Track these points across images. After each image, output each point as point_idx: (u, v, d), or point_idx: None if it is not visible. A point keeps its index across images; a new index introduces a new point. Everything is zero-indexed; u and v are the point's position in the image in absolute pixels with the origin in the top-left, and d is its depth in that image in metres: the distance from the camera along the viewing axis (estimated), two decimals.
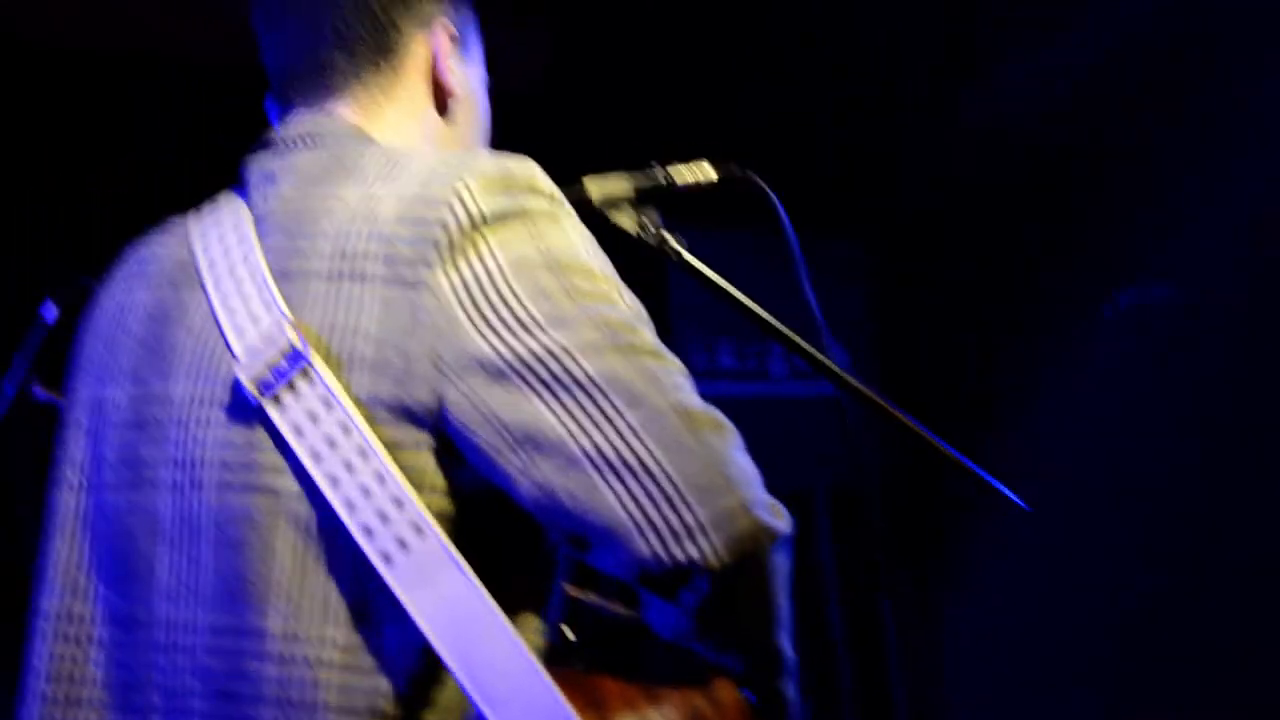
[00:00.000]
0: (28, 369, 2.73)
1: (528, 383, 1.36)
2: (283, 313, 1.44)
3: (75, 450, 1.62)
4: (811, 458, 5.86)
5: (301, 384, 1.40)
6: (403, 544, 1.36)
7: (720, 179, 1.91)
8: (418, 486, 1.38)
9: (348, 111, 1.64)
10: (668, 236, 1.87)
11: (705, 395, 1.42)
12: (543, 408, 1.36)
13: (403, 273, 1.40)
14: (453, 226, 1.40)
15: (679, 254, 1.87)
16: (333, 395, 1.39)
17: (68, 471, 1.63)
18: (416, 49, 1.67)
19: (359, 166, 1.51)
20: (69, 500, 1.61)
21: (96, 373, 1.62)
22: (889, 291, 5.82)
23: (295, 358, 1.41)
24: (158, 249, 1.66)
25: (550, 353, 1.37)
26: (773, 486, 1.40)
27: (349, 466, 1.38)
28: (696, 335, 5.66)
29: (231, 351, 1.46)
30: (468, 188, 1.42)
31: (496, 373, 1.37)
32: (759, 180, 1.91)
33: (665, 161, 1.90)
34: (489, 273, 1.39)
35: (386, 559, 1.36)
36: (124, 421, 1.55)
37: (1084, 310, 3.97)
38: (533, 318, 1.38)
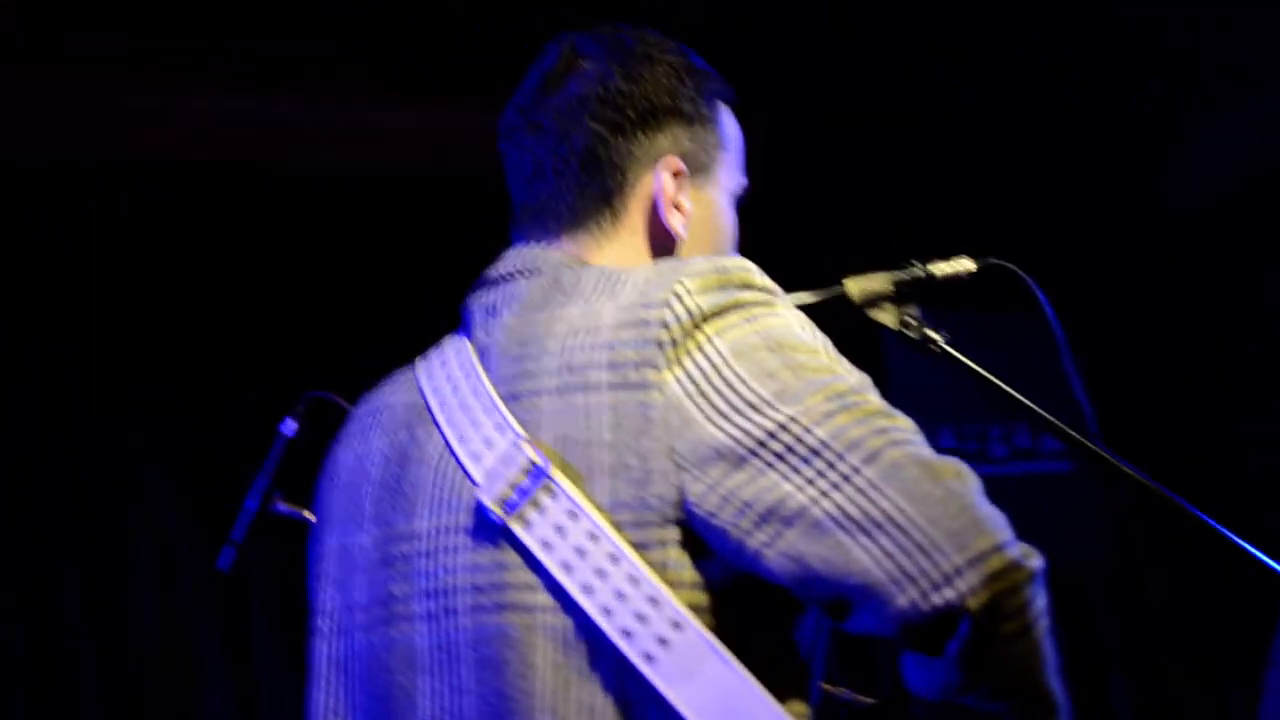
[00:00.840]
0: (269, 484, 2.83)
1: (764, 459, 1.38)
2: (517, 433, 1.47)
3: (325, 600, 1.67)
4: (1036, 537, 5.80)
5: (545, 499, 1.44)
6: (663, 641, 1.39)
7: (979, 269, 1.94)
8: (669, 584, 1.40)
9: (568, 245, 1.67)
10: (929, 331, 1.90)
11: None
12: (781, 480, 1.38)
13: (629, 376, 1.44)
14: (673, 325, 1.44)
15: (942, 349, 1.90)
16: (577, 506, 1.42)
17: (320, 622, 1.67)
18: (641, 190, 1.68)
19: (577, 287, 1.56)
20: (323, 649, 1.66)
21: (340, 523, 1.67)
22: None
23: (536, 474, 1.45)
24: (388, 397, 1.72)
25: (782, 426, 1.39)
26: None
27: (601, 573, 1.41)
28: (915, 418, 5.60)
29: (471, 478, 1.51)
30: (685, 287, 1.46)
31: (734, 458, 1.39)
32: (1017, 269, 1.93)
33: (924, 259, 1.93)
34: (712, 363, 1.42)
35: (649, 658, 1.39)
36: (371, 563, 1.60)
37: None
38: (760, 397, 1.40)
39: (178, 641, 4.46)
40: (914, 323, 1.91)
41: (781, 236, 2.42)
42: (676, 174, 1.69)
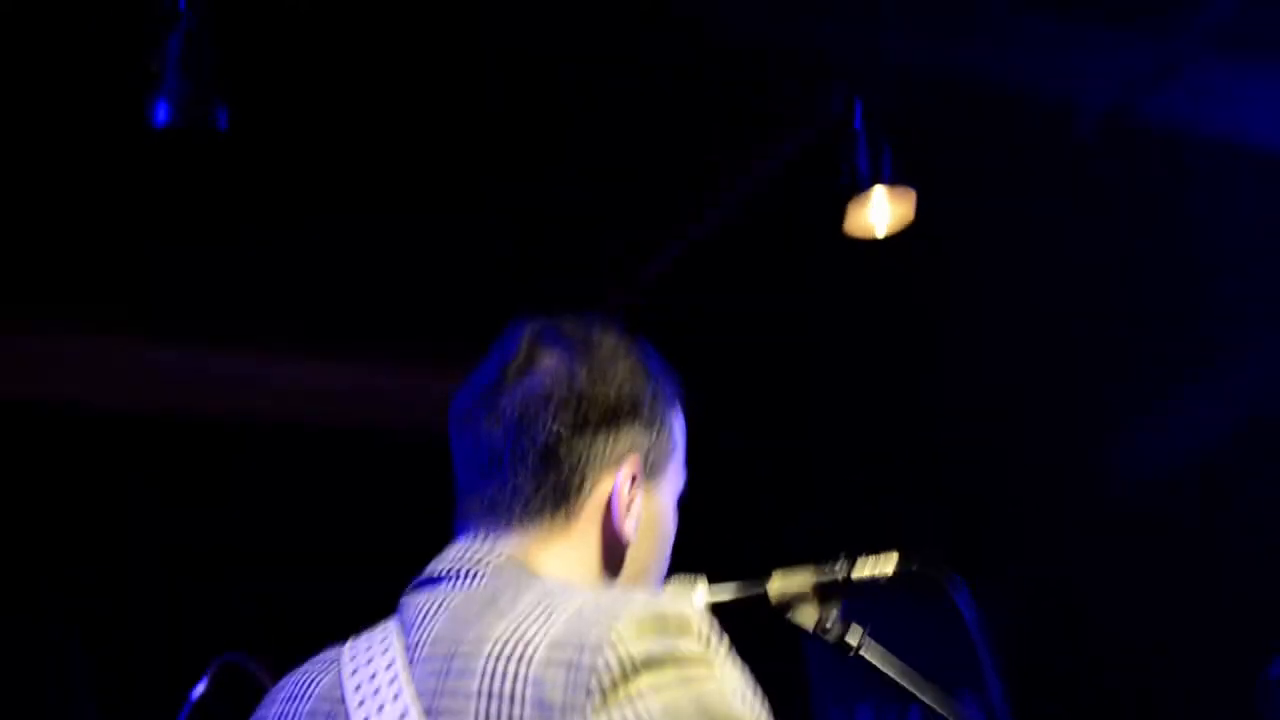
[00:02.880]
0: None
1: None
2: None
3: None
4: None
5: None
6: None
7: (898, 574, 1.90)
8: None
9: (515, 543, 1.64)
10: (847, 637, 1.87)
11: None
12: None
13: (554, 718, 1.38)
14: (604, 672, 1.37)
15: (857, 650, 1.87)
16: None
17: None
18: (597, 489, 1.66)
19: (513, 607, 1.51)
20: None
21: None
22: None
23: None
24: (310, 683, 1.66)
25: None
26: None
27: None
28: (835, 697, 5.59)
29: None
30: (619, 632, 1.40)
31: None
32: (945, 574, 1.90)
33: (857, 552, 1.90)
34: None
35: None
36: None
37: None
38: None
39: None
40: (830, 626, 1.87)
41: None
42: (632, 475, 1.66)
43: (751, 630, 1.51)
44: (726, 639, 1.47)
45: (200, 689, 2.84)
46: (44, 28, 3.41)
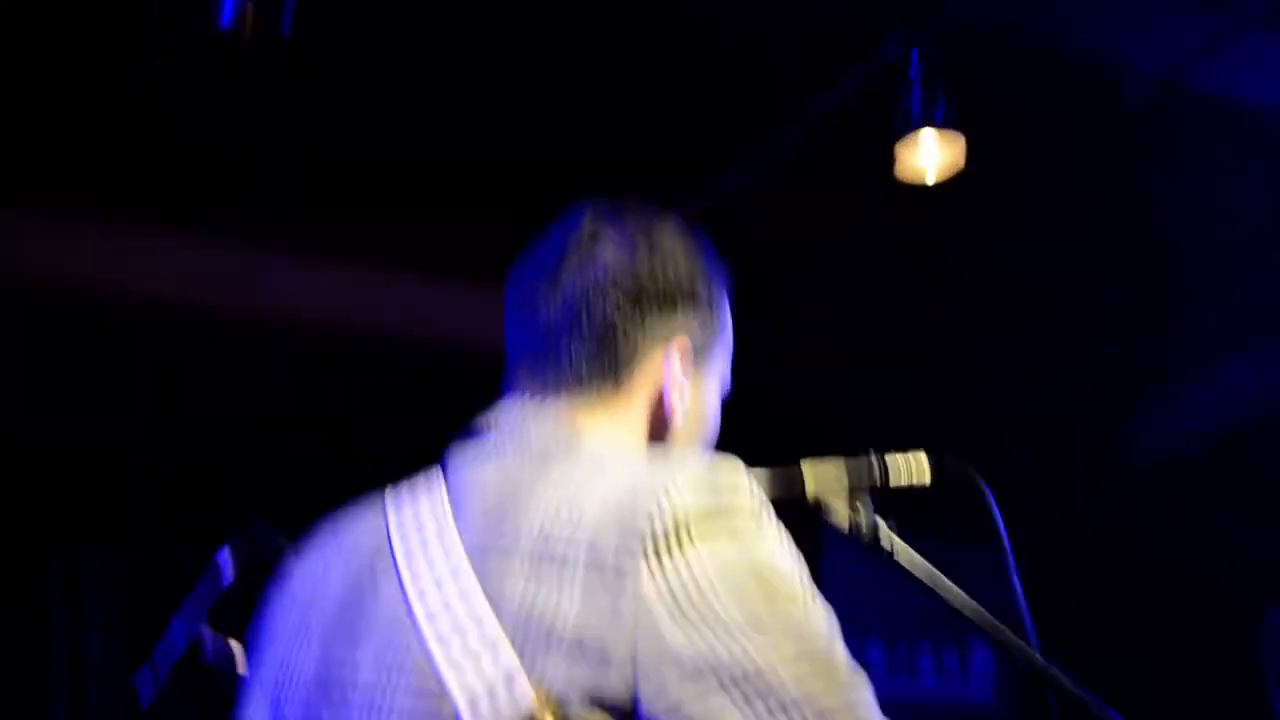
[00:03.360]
0: (199, 620, 2.72)
1: (719, 680, 1.36)
2: (511, 667, 1.41)
3: (256, 712, 1.65)
4: None
5: None
6: None
7: (934, 479, 1.92)
8: None
9: (565, 411, 1.65)
10: (880, 532, 1.88)
11: None
12: (730, 707, 1.35)
13: (606, 563, 1.40)
14: (657, 525, 1.40)
15: (890, 554, 1.89)
16: None
17: None
18: (649, 366, 1.68)
19: (565, 463, 1.54)
20: None
21: (284, 640, 1.64)
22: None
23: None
24: (355, 523, 1.68)
25: (746, 654, 1.37)
26: None
27: None
28: (846, 630, 5.59)
29: (435, 666, 1.45)
30: (673, 487, 1.43)
31: (691, 670, 1.36)
32: (976, 476, 1.93)
33: (883, 448, 1.92)
34: (693, 574, 1.39)
35: None
36: (307, 686, 1.57)
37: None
38: (732, 619, 1.38)
39: None
40: (865, 526, 1.89)
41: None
42: (683, 356, 1.69)
43: None
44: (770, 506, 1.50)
45: (225, 555, 2.70)
46: None
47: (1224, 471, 5.48)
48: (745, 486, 1.47)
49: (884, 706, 1.47)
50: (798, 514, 1.78)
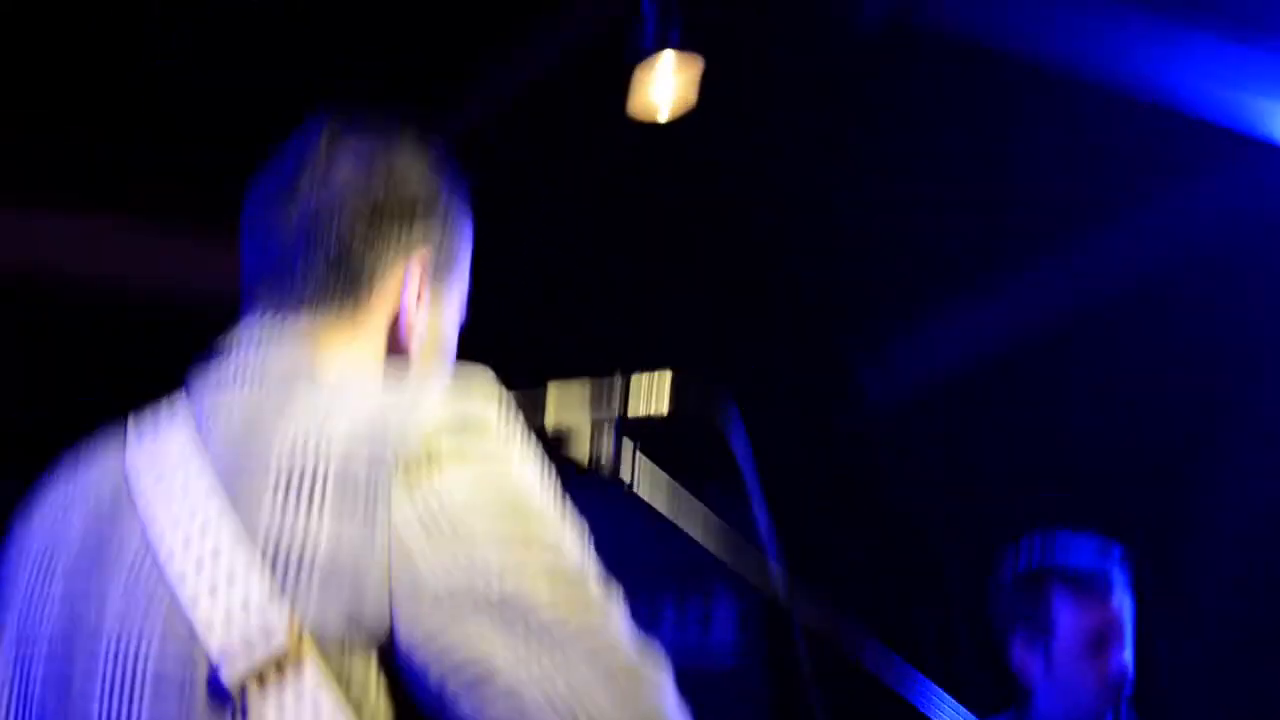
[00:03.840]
0: None
1: (479, 614, 1.34)
2: (262, 596, 1.37)
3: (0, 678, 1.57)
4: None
5: (289, 678, 1.35)
6: None
7: (674, 408, 1.89)
8: (360, 704, 1.35)
9: (305, 331, 1.62)
10: (622, 461, 1.87)
11: None
12: (495, 644, 1.34)
13: (357, 490, 1.38)
14: (406, 447, 1.39)
15: (630, 485, 1.89)
16: (322, 699, 1.34)
17: None
18: (388, 282, 1.66)
19: (308, 394, 1.50)
20: None
21: (24, 591, 1.57)
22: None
23: (283, 659, 1.35)
24: (94, 461, 1.63)
25: (504, 584, 1.35)
26: None
27: None
28: (632, 586, 5.61)
29: (194, 626, 1.38)
30: (422, 414, 1.42)
31: (449, 601, 1.35)
32: (717, 405, 1.91)
33: (629, 367, 1.89)
34: (442, 502, 1.38)
35: None
36: (52, 639, 1.50)
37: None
38: (487, 544, 1.37)
39: None
40: (604, 461, 1.87)
41: None
42: (422, 270, 1.68)
43: None
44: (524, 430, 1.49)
45: None
46: None
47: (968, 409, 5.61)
48: (495, 403, 1.47)
49: None
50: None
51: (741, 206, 4.95)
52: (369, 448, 1.39)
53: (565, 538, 1.42)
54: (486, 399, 1.47)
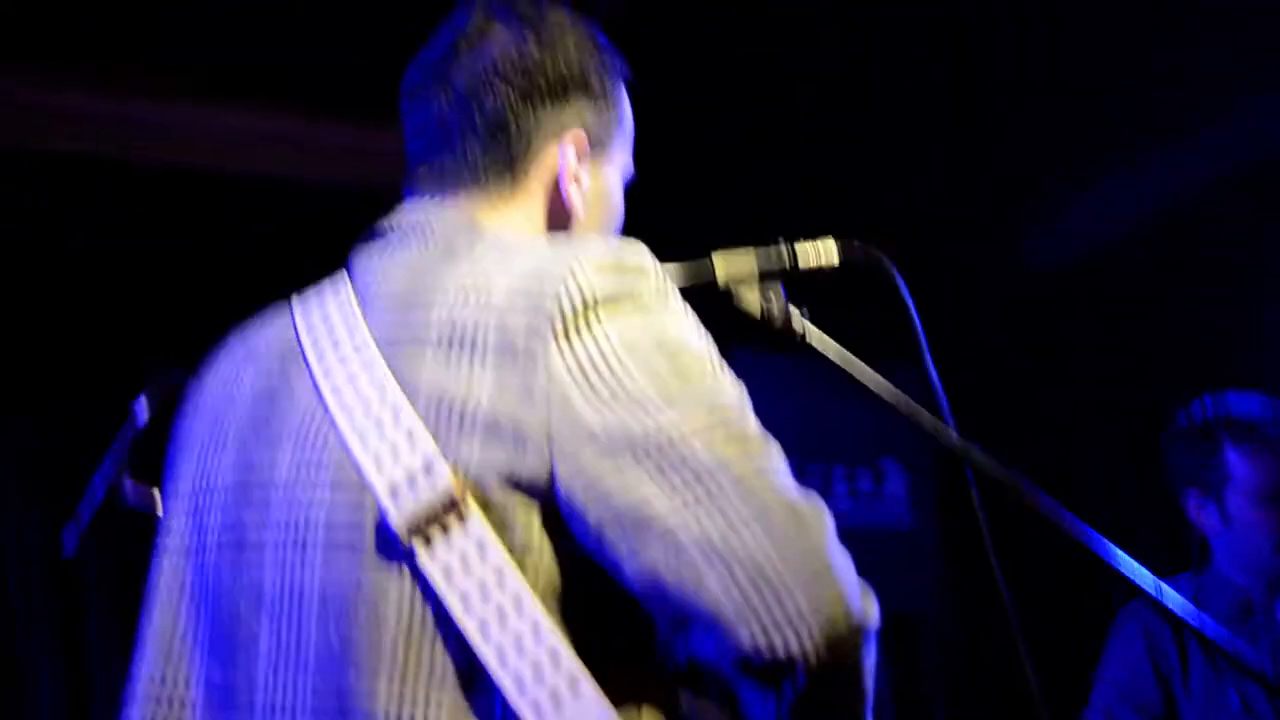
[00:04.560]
0: (119, 465, 2.78)
1: (639, 462, 1.37)
2: (429, 452, 1.41)
3: (176, 521, 1.64)
4: (871, 581, 5.91)
5: (454, 525, 1.39)
6: (556, 699, 1.36)
7: (843, 261, 1.92)
8: (524, 555, 1.40)
9: (465, 206, 1.67)
10: (793, 317, 1.88)
11: None
12: (647, 480, 1.36)
13: (516, 345, 1.42)
14: (566, 304, 1.42)
15: (803, 336, 1.89)
16: (488, 542, 1.39)
17: (168, 540, 1.65)
18: (545, 159, 1.70)
19: (471, 251, 1.55)
20: (169, 568, 1.63)
21: (200, 448, 1.64)
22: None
23: (451, 505, 1.40)
24: (262, 331, 1.69)
25: (663, 431, 1.37)
26: None
27: (501, 616, 1.37)
28: (807, 454, 5.67)
29: (365, 478, 1.44)
30: (581, 268, 1.45)
31: (606, 446, 1.38)
32: (884, 259, 1.93)
33: (792, 237, 1.91)
34: (601, 351, 1.41)
35: (537, 710, 1.36)
36: (228, 488, 1.57)
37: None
38: (643, 393, 1.39)
39: (7, 631, 4.38)
40: (776, 314, 1.89)
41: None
42: (578, 148, 1.71)
43: None
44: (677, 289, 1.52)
45: (141, 403, 2.83)
46: None
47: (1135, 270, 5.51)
48: (650, 267, 1.49)
49: None
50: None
51: (903, 75, 4.87)
52: (528, 306, 1.43)
53: (722, 389, 1.44)
54: (641, 262, 1.49)
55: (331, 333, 1.55)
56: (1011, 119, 5.10)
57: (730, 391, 1.44)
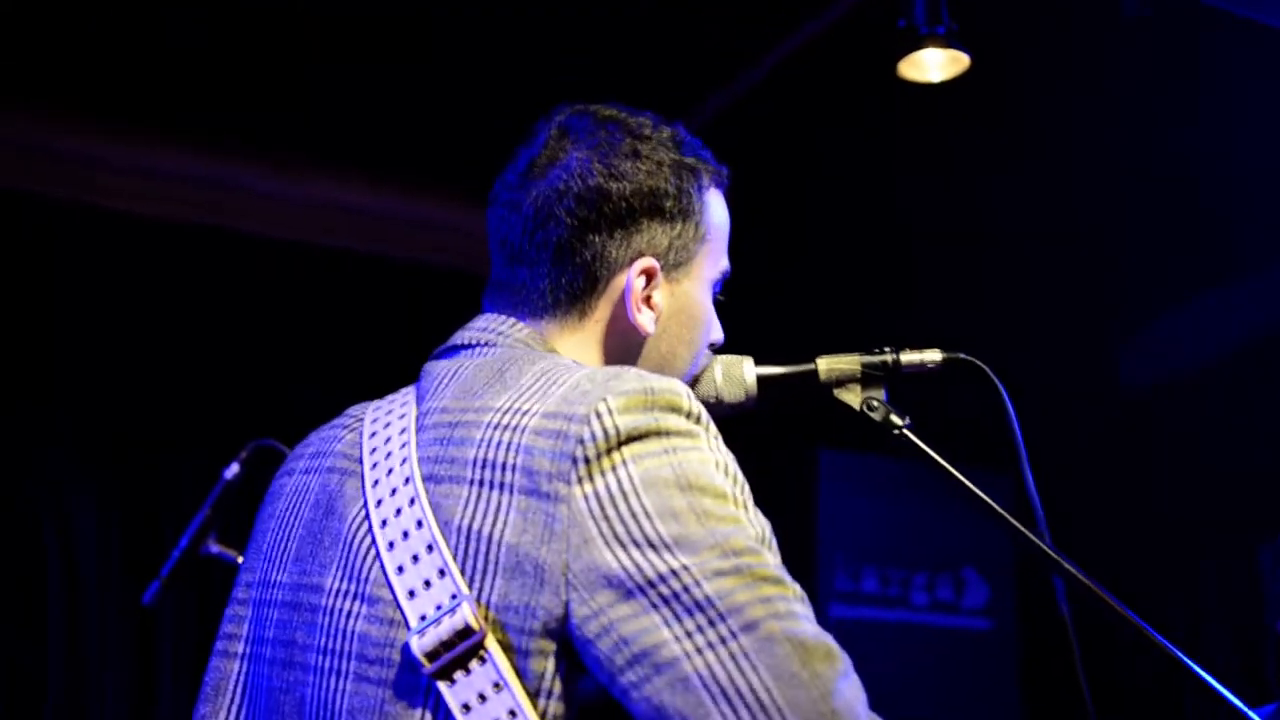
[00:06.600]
0: (204, 524, 2.89)
1: (650, 600, 1.39)
2: (459, 588, 1.46)
3: (238, 623, 1.71)
4: (943, 689, 5.91)
5: (474, 664, 1.44)
6: None
7: (944, 362, 1.97)
8: (536, 693, 1.43)
9: (534, 329, 1.71)
10: (893, 415, 1.92)
11: (847, 620, 1.41)
12: (661, 625, 1.39)
13: (541, 485, 1.45)
14: (589, 443, 1.44)
15: (901, 431, 1.92)
16: (503, 679, 1.43)
17: (229, 643, 1.72)
18: (612, 287, 1.71)
19: (518, 380, 1.57)
20: (227, 668, 1.71)
21: (267, 552, 1.70)
22: None
23: (472, 639, 1.44)
24: (338, 436, 1.73)
25: (674, 573, 1.39)
26: (908, 713, 1.37)
27: None
28: (842, 560, 5.71)
29: (400, 608, 1.50)
30: (607, 405, 1.46)
31: (623, 590, 1.40)
32: (984, 366, 1.96)
33: (898, 347, 1.96)
34: (622, 489, 1.43)
35: None
36: (284, 603, 1.63)
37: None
38: (660, 536, 1.41)
39: (84, 677, 4.42)
40: (878, 405, 1.93)
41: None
42: (649, 273, 1.72)
43: (762, 489, 1.55)
44: (713, 423, 1.54)
45: (233, 470, 2.97)
46: None
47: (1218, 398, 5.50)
48: (683, 402, 1.50)
49: (879, 628, 1.47)
50: (793, 452, 1.80)
51: (997, 196, 4.95)
52: (553, 441, 1.46)
53: (743, 525, 1.45)
54: (672, 401, 1.50)
55: (388, 457, 1.60)
56: (1109, 238, 5.14)
57: (751, 532, 1.45)
